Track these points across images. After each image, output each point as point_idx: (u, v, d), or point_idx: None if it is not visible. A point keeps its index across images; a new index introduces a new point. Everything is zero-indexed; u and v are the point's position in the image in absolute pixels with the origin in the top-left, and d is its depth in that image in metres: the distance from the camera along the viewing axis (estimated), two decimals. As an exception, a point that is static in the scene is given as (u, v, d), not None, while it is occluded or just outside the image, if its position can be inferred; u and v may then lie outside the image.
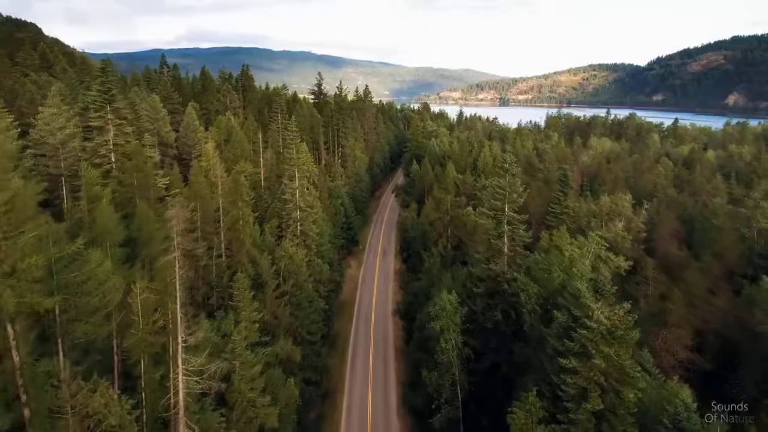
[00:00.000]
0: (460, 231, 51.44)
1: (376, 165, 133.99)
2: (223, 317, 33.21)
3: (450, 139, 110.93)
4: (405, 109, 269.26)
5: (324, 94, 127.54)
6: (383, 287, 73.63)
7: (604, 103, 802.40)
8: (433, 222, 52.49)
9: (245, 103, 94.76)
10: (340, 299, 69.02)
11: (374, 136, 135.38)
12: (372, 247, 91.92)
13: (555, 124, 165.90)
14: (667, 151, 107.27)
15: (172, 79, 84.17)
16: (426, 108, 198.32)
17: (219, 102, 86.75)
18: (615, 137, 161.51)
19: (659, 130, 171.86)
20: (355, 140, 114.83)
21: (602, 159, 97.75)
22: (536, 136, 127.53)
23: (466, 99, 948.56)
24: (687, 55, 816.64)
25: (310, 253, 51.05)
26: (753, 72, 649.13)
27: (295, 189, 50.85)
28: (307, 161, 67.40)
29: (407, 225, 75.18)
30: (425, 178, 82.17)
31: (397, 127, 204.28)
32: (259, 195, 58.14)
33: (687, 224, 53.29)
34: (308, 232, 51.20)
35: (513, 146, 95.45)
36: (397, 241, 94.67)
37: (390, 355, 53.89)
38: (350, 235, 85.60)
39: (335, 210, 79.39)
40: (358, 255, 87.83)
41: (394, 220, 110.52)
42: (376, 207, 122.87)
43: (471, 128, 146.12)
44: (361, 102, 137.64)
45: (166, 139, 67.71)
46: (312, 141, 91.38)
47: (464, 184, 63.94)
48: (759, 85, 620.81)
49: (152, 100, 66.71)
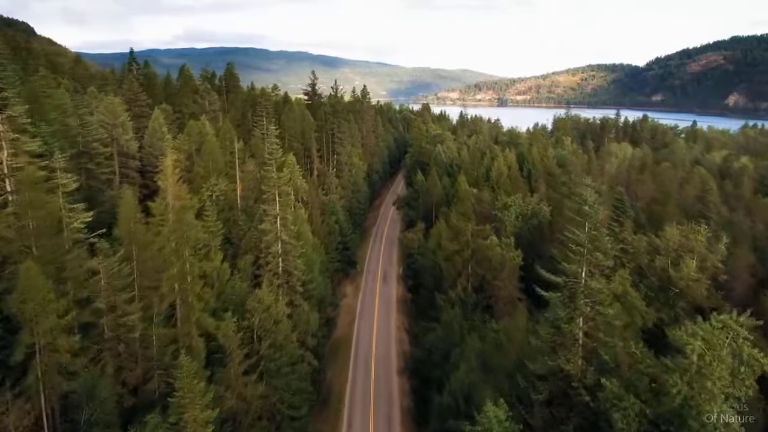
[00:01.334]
0: (483, 267, 40.87)
1: (375, 172, 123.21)
2: (157, 424, 22.44)
3: (457, 145, 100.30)
4: (404, 110, 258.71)
5: (318, 95, 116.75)
6: (385, 321, 62.85)
7: (603, 103, 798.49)
8: (450, 257, 41.83)
9: (228, 106, 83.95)
10: (334, 337, 58.25)
11: (373, 140, 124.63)
12: (371, 269, 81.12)
13: (564, 127, 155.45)
14: (698, 159, 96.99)
15: (143, 77, 73.31)
16: (427, 109, 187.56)
17: (197, 104, 75.93)
18: (629, 141, 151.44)
19: (675, 133, 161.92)
20: (352, 145, 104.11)
21: (629, 168, 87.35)
22: (546, 141, 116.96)
23: (464, 99, 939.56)
24: (686, 55, 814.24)
25: (295, 296, 40.33)
26: (753, 72, 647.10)
27: (276, 217, 40.02)
28: (294, 175, 56.61)
29: (413, 248, 64.43)
30: (432, 191, 71.61)
31: (397, 129, 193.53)
32: (234, 220, 47.31)
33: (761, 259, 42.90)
34: (292, 270, 40.39)
35: (529, 154, 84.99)
36: (399, 260, 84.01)
37: (396, 422, 43.12)
38: (347, 256, 74.91)
39: (329, 229, 68.70)
40: (356, 279, 77.08)
41: (395, 235, 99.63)
42: (375, 219, 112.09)
43: (477, 132, 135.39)
44: (359, 103, 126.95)
45: (126, 149, 56.80)
46: (304, 148, 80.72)
47: (480, 202, 53.39)
48: (759, 85, 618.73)
49: (109, 102, 55.78)
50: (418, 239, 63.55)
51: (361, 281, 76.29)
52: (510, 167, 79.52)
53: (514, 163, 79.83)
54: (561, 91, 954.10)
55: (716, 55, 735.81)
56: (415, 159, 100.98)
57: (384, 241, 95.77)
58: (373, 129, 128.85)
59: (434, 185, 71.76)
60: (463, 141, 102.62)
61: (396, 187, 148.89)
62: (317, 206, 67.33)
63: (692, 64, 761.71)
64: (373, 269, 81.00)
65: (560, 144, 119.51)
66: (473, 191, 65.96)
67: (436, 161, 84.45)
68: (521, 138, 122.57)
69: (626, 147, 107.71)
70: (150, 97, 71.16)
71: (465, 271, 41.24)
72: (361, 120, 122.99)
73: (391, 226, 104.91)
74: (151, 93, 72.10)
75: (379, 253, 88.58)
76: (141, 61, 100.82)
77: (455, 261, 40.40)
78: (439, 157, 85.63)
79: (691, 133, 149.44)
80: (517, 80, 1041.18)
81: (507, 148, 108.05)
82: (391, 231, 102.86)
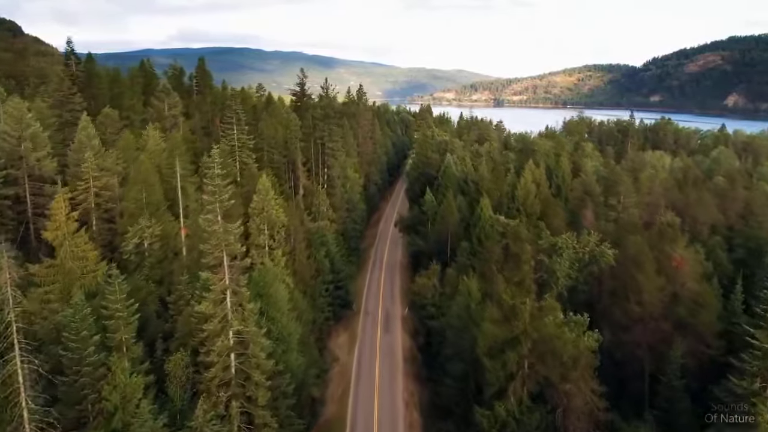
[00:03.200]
0: (547, 363, 26.25)
1: (373, 183, 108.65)
2: None
3: (469, 154, 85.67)
4: (402, 112, 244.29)
5: (308, 96, 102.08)
6: (388, 391, 48.24)
7: (600, 104, 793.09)
8: (497, 353, 26.97)
9: (194, 110, 69.00)
10: (321, 421, 43.63)
11: (370, 147, 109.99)
12: (370, 308, 66.43)
13: (579, 131, 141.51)
14: (748, 171, 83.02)
15: (83, 74, 58.25)
16: (428, 111, 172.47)
17: (154, 107, 61.05)
18: (651, 147, 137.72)
19: (700, 137, 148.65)
20: (347, 155, 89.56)
21: (673, 184, 73.14)
22: (570, 148, 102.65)
23: (460, 100, 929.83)
24: (683, 55, 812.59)
25: (256, 410, 25.60)
26: (752, 73, 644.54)
27: (224, 292, 24.99)
28: (268, 204, 42.00)
29: (426, 297, 49.52)
30: (448, 218, 56.73)
31: (395, 132, 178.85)
32: (170, 283, 32.34)
33: None
34: (252, 372, 25.38)
35: (557, 166, 70.72)
36: (402, 293, 69.55)
37: None
38: (339, 296, 60.37)
39: (317, 266, 54.10)
40: (351, 323, 62.46)
41: (397, 258, 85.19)
42: (374, 237, 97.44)
43: (487, 138, 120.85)
44: (354, 105, 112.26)
45: (39, 170, 41.89)
46: (287, 161, 66.02)
47: (517, 241, 38.64)
48: (759, 86, 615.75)
49: (15, 105, 40.81)
50: (432, 286, 48.67)
51: (357, 327, 61.62)
52: (539, 184, 65.16)
53: (544, 179, 65.42)
54: (558, 91, 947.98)
55: (714, 56, 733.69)
56: (419, 171, 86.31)
57: (384, 267, 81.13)
58: (371, 134, 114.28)
59: (450, 213, 56.74)
60: (474, 149, 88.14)
61: (396, 198, 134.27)
62: (302, 238, 52.77)
63: (690, 64, 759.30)
64: (373, 308, 66.35)
65: (581, 151, 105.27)
66: (501, 220, 51.41)
67: (446, 176, 69.91)
68: (537, 144, 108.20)
69: (663, 157, 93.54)
70: (91, 99, 56.22)
71: (521, 372, 26.90)
72: (356, 124, 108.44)
73: (392, 248, 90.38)
74: (92, 94, 57.18)
75: (378, 284, 73.97)
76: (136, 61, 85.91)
77: (507, 359, 26.17)
78: (449, 171, 71.13)
79: (720, 137, 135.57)
80: (514, 80, 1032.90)
81: (524, 157, 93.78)
82: (393, 253, 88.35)
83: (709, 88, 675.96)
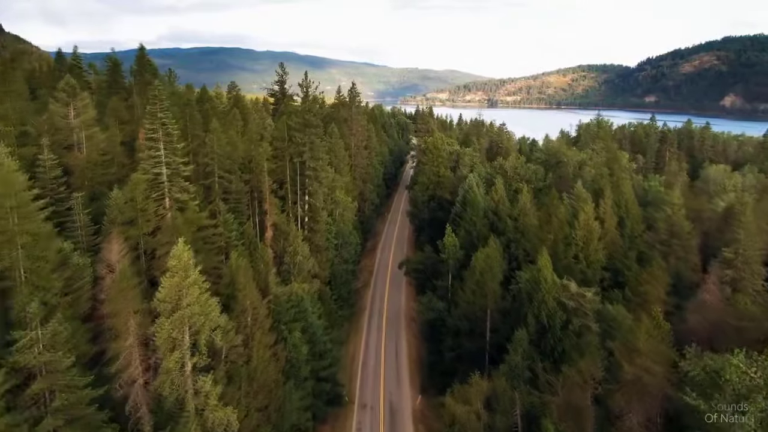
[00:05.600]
0: None
1: (369, 203, 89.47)
2: None
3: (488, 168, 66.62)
4: (397, 114, 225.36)
5: (289, 97, 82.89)
6: None
7: (594, 104, 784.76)
8: None
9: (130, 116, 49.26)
10: None
11: (365, 160, 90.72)
12: (367, 397, 46.94)
13: (605, 137, 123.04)
14: None
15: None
16: (430, 114, 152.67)
17: (50, 115, 41.43)
18: (687, 156, 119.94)
19: (739, 144, 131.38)
20: (336, 170, 70.41)
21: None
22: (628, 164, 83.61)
23: (454, 101, 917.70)
24: (678, 55, 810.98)
25: None
26: (749, 73, 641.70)
27: None
28: (191, 297, 22.81)
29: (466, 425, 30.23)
30: (485, 283, 36.96)
31: (392, 137, 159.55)
32: None
33: None
34: None
35: (618, 189, 51.76)
36: (412, 374, 50.53)
37: None
38: (324, 389, 41.20)
39: (288, 365, 34.92)
40: (341, 425, 43.25)
41: (401, 307, 66.00)
42: (371, 274, 77.66)
43: (500, 145, 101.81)
44: (346, 108, 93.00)
45: None
46: (250, 189, 46.66)
47: (641, 355, 20.22)
48: (756, 86, 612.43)
49: None
50: (475, 416, 28.91)
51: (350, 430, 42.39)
52: (603, 221, 46.34)
53: (611, 215, 46.59)
54: (552, 91, 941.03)
55: (709, 56, 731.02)
56: (428, 193, 67.12)
57: (385, 322, 61.71)
58: (366, 142, 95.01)
59: (489, 275, 36.81)
60: (497, 165, 68.89)
61: (394, 214, 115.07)
62: (265, 315, 33.69)
63: (685, 64, 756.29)
64: (371, 398, 46.95)
65: (617, 164, 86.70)
66: (573, 290, 32.56)
67: (471, 207, 50.67)
68: (567, 155, 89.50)
69: (733, 175, 74.87)
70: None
71: None
72: (349, 131, 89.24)
73: (395, 290, 71.12)
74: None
75: (378, 354, 54.51)
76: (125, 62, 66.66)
77: None
78: (474, 199, 52.04)
79: (762, 143, 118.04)
80: (507, 81, 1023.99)
81: (555, 173, 74.83)
82: (395, 298, 69.05)
83: (705, 88, 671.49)
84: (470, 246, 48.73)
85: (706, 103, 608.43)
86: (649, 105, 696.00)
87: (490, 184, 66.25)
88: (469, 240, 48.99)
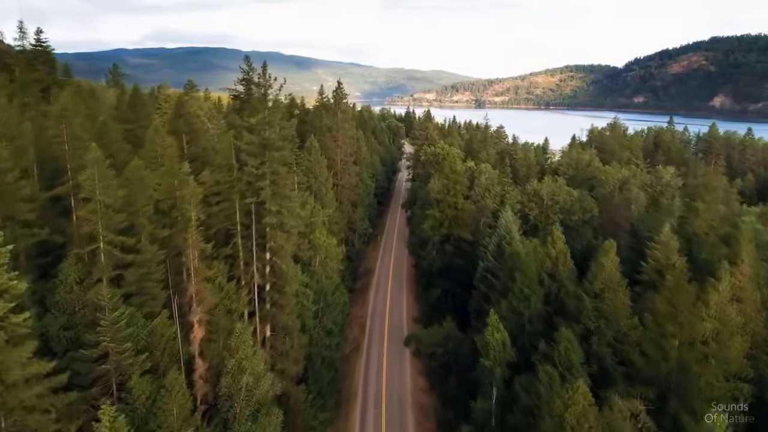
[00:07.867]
0: None
1: (359, 233, 71.33)
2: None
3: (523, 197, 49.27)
4: (388, 117, 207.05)
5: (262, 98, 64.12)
6: None
7: (582, 105, 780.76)
8: None
9: None
10: None
11: (353, 178, 72.51)
12: None
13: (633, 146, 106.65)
14: None
15: None
16: (428, 118, 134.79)
17: None
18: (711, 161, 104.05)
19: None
20: (317, 199, 52.41)
21: None
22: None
23: (441, 101, 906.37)
24: (666, 56, 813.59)
25: None
26: (738, 74, 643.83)
27: None
28: None
29: None
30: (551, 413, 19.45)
31: (383, 143, 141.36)
32: None
33: None
34: None
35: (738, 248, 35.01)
36: None
37: None
38: None
39: None
40: None
41: (406, 395, 47.41)
42: (363, 329, 59.28)
43: (514, 156, 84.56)
44: (331, 113, 74.72)
45: None
46: (167, 259, 28.51)
47: None
48: (745, 87, 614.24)
49: None
50: None
51: None
52: (740, 299, 29.02)
53: (751, 288, 29.36)
54: (540, 92, 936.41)
55: (697, 56, 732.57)
56: (441, 232, 48.94)
57: (384, 420, 43.54)
58: (354, 156, 76.74)
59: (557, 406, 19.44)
60: (534, 191, 51.19)
61: (388, 237, 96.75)
62: None
63: (673, 65, 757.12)
64: None
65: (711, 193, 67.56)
66: None
67: (521, 270, 32.84)
68: (606, 172, 72.17)
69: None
70: None
71: None
72: (334, 142, 71.04)
73: (394, 355, 52.79)
74: None
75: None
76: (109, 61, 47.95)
77: None
78: (520, 257, 34.10)
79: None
80: (495, 81, 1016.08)
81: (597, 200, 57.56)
82: (396, 371, 50.34)
83: (694, 89, 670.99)
84: (520, 332, 31.05)
85: (696, 104, 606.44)
86: (637, 106, 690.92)
87: (524, 220, 48.58)
88: (518, 325, 31.27)
